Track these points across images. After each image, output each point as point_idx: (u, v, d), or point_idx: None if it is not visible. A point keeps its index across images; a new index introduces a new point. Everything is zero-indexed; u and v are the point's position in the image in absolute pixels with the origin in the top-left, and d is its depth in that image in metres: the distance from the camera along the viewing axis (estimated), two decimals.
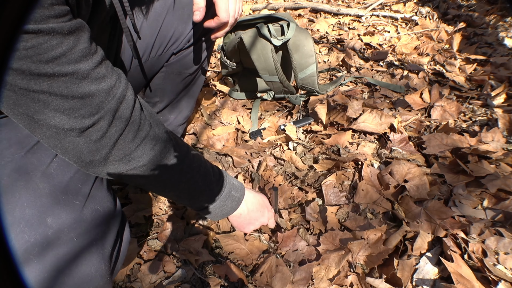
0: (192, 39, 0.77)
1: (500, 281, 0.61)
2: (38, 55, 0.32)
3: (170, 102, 0.88)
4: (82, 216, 0.46)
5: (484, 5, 1.89)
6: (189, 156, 0.54)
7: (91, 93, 0.38)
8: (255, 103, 1.29)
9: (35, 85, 0.34)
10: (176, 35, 0.75)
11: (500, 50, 1.47)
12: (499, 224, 0.72)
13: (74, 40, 0.35)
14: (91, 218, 0.47)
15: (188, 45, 0.78)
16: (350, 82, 1.36)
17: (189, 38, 0.77)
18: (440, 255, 0.68)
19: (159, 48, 0.75)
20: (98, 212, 0.49)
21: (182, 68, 0.82)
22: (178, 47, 0.77)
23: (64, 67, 0.35)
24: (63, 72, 0.35)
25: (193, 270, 0.74)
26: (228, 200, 0.61)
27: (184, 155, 0.53)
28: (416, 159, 0.92)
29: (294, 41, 1.07)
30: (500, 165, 0.85)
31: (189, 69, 0.83)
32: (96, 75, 0.38)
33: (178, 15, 0.73)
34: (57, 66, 0.34)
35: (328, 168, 0.94)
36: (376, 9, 2.10)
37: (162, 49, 0.75)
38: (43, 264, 0.40)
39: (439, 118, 1.08)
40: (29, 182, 0.44)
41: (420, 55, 1.53)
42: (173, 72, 0.82)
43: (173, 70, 0.81)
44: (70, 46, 0.35)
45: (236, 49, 1.15)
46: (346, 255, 0.70)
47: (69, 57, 0.35)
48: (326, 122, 1.12)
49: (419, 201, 0.80)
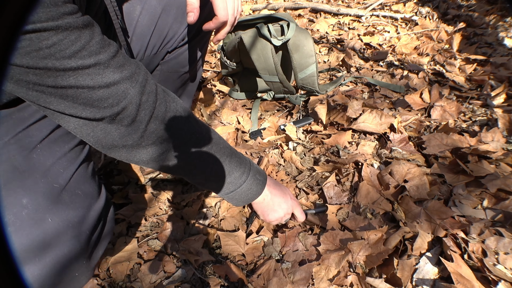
0: (186, 38, 0.78)
1: (500, 281, 0.61)
2: (61, 51, 0.34)
3: None
4: (59, 198, 0.47)
5: (484, 5, 1.89)
6: (214, 134, 0.55)
7: (115, 81, 0.39)
8: (255, 103, 1.29)
9: (62, 81, 0.36)
10: (171, 34, 0.75)
11: (500, 50, 1.47)
12: (499, 224, 0.72)
13: (90, 33, 0.37)
14: (69, 201, 0.48)
15: (182, 43, 0.78)
16: (350, 82, 1.36)
17: (184, 37, 0.77)
18: (440, 255, 0.68)
19: (154, 47, 0.75)
20: (78, 196, 0.50)
21: (177, 66, 0.82)
22: (173, 46, 0.77)
23: (86, 60, 0.36)
24: (86, 64, 0.36)
25: (193, 270, 0.74)
26: (254, 183, 0.60)
27: (208, 132, 0.54)
28: (416, 159, 0.92)
29: (294, 41, 1.07)
30: (500, 165, 0.85)
31: (184, 67, 0.83)
32: (116, 63, 0.40)
33: (173, 13, 0.73)
34: (80, 60, 0.36)
35: (328, 170, 0.94)
36: (376, 9, 2.10)
37: (157, 47, 0.75)
38: (17, 242, 0.42)
39: (439, 118, 1.08)
40: (8, 165, 0.45)
41: (420, 55, 1.53)
42: (168, 70, 0.82)
43: (168, 68, 0.82)
44: (88, 39, 0.36)
45: (236, 49, 1.15)
46: (346, 255, 0.70)
47: (89, 49, 0.36)
48: (326, 122, 1.12)
49: (419, 201, 0.80)
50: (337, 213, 0.82)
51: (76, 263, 0.48)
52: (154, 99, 0.44)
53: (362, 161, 0.92)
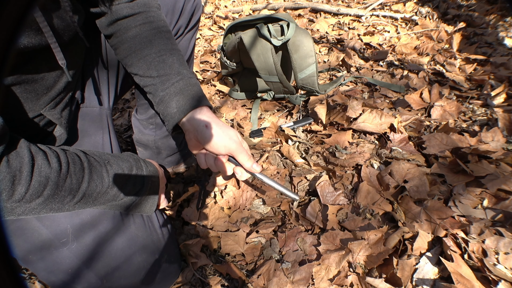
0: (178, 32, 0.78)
1: (500, 281, 0.61)
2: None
3: None
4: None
5: (484, 5, 1.89)
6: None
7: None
8: (255, 103, 1.29)
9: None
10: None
11: (500, 50, 1.47)
12: (499, 223, 0.72)
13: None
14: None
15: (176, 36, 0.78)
16: (350, 82, 1.36)
17: (175, 32, 0.77)
18: (440, 255, 0.68)
19: None
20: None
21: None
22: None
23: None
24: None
25: (193, 271, 0.74)
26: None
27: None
28: (416, 159, 0.92)
29: (294, 41, 1.07)
30: (500, 165, 0.85)
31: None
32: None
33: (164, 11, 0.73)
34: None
35: (327, 169, 0.94)
36: (376, 9, 2.10)
37: None
38: None
39: (439, 118, 1.08)
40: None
41: (420, 55, 1.53)
42: None
43: None
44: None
45: (236, 49, 1.15)
46: (347, 255, 0.70)
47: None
48: (326, 122, 1.12)
49: (419, 201, 0.80)
50: (337, 213, 0.82)
51: None
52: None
53: (362, 161, 0.92)
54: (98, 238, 0.57)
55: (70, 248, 0.55)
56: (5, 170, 0.38)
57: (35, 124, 0.56)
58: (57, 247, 0.55)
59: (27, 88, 0.51)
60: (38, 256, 0.55)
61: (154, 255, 0.64)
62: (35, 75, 0.51)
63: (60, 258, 0.55)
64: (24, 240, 0.54)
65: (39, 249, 0.54)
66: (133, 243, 0.61)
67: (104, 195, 0.53)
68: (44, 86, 0.53)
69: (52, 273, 0.56)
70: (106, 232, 0.58)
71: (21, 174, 0.39)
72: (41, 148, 0.45)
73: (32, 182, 0.41)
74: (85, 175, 0.49)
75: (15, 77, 0.48)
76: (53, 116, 0.57)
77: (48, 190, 0.43)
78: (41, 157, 0.43)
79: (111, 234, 0.59)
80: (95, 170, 0.51)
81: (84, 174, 0.49)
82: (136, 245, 0.62)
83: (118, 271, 0.59)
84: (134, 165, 0.60)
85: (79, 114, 0.68)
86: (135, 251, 0.61)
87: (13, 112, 0.51)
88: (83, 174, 0.49)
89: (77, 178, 0.47)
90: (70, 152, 0.49)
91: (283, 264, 0.72)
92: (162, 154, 0.95)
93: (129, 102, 1.54)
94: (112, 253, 0.59)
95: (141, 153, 0.96)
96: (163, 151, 0.94)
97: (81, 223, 0.56)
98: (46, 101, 0.55)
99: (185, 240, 0.81)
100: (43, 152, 0.44)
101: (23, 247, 0.54)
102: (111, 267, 0.59)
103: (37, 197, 0.42)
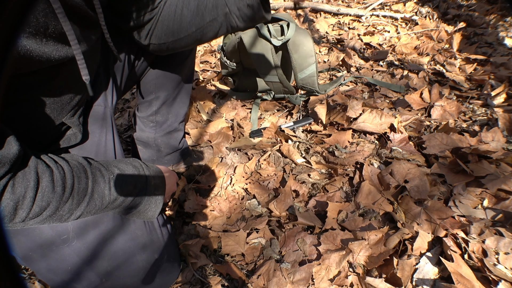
0: None
1: (500, 281, 0.61)
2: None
3: (166, 100, 0.88)
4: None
5: (484, 5, 1.89)
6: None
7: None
8: (255, 103, 1.29)
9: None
10: None
11: (500, 50, 1.47)
12: (499, 224, 0.72)
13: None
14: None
15: None
16: (350, 82, 1.36)
17: None
18: (440, 255, 0.68)
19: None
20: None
21: (170, 62, 0.83)
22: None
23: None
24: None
25: (192, 271, 0.74)
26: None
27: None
28: (416, 159, 0.92)
29: (294, 41, 1.07)
30: (500, 165, 0.85)
31: (176, 61, 0.84)
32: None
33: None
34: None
35: (328, 170, 0.94)
36: (376, 9, 2.10)
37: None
38: None
39: (439, 118, 1.08)
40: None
41: (420, 55, 1.53)
42: (163, 67, 0.83)
43: (161, 66, 0.82)
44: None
45: (236, 49, 1.15)
46: (347, 255, 0.70)
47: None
48: (326, 122, 1.12)
49: (419, 201, 0.80)
50: (337, 214, 0.82)
51: None
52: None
53: (362, 160, 0.92)
54: (100, 237, 0.58)
55: (71, 246, 0.55)
56: (10, 196, 0.39)
57: (58, 130, 0.58)
58: (58, 245, 0.55)
59: (55, 99, 0.53)
60: (39, 254, 0.55)
61: (154, 255, 0.64)
62: (63, 88, 0.53)
63: (61, 256, 0.55)
64: (26, 238, 0.54)
65: (40, 247, 0.54)
66: (134, 243, 0.61)
67: (102, 210, 0.53)
68: (68, 97, 0.55)
69: (53, 272, 0.56)
70: (108, 231, 0.59)
71: (24, 199, 0.40)
72: (49, 165, 0.44)
73: (33, 207, 0.41)
74: (87, 196, 0.49)
75: (46, 89, 0.50)
76: (73, 123, 0.59)
77: (47, 212, 0.44)
78: (46, 179, 0.43)
79: (112, 233, 0.59)
80: (97, 188, 0.50)
81: (86, 194, 0.48)
82: (137, 245, 0.62)
83: (118, 270, 0.59)
84: (138, 180, 0.59)
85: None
86: (135, 251, 0.61)
87: (40, 122, 0.53)
88: (85, 194, 0.48)
89: (78, 199, 0.47)
90: (77, 169, 0.48)
91: (283, 264, 0.72)
92: (161, 152, 0.95)
93: (129, 102, 1.54)
94: (112, 252, 0.59)
95: (141, 151, 0.97)
96: (162, 149, 0.95)
97: (83, 222, 0.56)
98: (67, 110, 0.57)
99: (185, 240, 0.81)
100: (50, 172, 0.44)
101: (25, 244, 0.54)
102: (111, 266, 0.59)
103: (36, 217, 0.43)
